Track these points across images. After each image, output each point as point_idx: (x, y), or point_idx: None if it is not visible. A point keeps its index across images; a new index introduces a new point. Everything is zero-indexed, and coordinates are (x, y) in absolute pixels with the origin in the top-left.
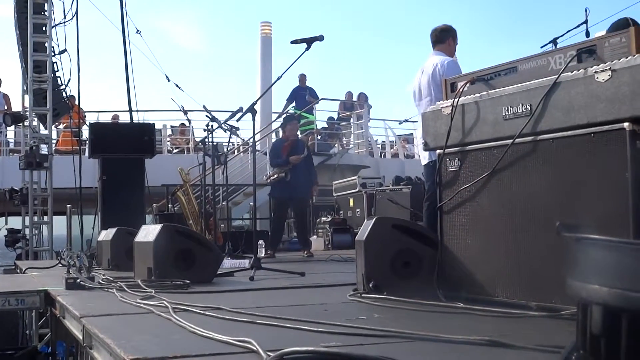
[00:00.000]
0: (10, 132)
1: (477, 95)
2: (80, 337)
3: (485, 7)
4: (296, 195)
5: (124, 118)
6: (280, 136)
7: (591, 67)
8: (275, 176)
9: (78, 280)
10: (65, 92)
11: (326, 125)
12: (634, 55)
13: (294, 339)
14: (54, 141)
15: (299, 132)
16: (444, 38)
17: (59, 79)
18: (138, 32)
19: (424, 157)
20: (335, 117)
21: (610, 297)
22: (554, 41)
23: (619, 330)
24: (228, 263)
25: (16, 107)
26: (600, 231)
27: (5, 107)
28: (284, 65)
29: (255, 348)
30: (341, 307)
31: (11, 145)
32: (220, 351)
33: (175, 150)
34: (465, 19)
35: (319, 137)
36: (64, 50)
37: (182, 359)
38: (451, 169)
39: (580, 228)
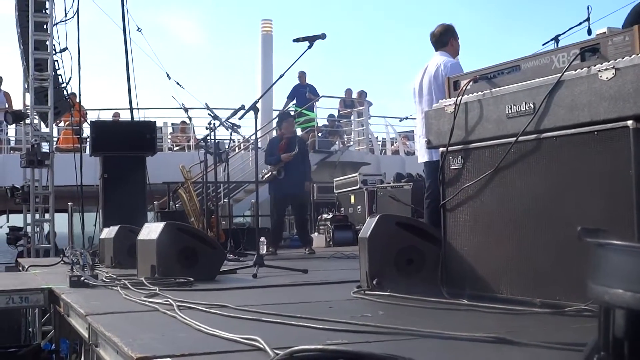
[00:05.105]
0: (12, 130)
1: (480, 93)
2: (86, 335)
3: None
4: (293, 192)
5: (125, 116)
6: (277, 134)
7: (595, 66)
8: (268, 174)
9: (82, 278)
10: (66, 90)
11: (327, 123)
12: (638, 54)
13: (300, 336)
14: (55, 139)
15: (298, 130)
16: (445, 40)
17: (60, 77)
18: (139, 29)
19: (421, 155)
20: (336, 114)
21: (634, 301)
22: (556, 38)
23: None
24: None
25: (17, 105)
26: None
27: (7, 105)
28: (285, 63)
29: (262, 346)
30: (345, 304)
31: (12, 143)
32: (227, 349)
33: (176, 148)
34: (463, 15)
35: (319, 134)
36: (65, 49)
37: (189, 357)
38: (454, 167)
39: (601, 233)
